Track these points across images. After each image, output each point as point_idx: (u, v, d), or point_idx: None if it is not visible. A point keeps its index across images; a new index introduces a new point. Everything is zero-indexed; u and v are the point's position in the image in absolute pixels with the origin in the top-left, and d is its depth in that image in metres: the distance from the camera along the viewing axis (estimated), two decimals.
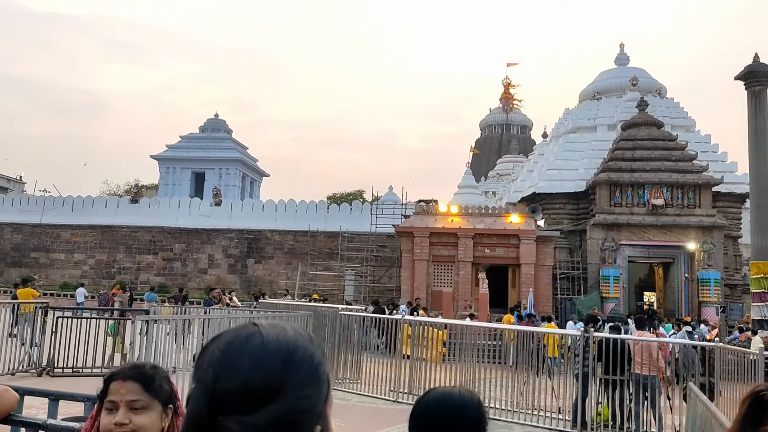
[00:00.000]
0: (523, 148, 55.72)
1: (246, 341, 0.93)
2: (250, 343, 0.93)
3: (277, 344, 0.94)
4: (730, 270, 26.23)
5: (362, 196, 52.30)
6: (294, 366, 0.93)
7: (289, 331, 0.97)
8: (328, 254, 30.34)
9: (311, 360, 0.95)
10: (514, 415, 10.03)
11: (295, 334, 0.97)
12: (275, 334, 0.95)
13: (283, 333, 0.96)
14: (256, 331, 0.95)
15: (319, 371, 0.96)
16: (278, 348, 0.93)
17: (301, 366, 0.93)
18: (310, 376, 0.94)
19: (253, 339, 0.94)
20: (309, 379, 0.93)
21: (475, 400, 1.61)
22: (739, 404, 2.17)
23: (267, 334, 0.95)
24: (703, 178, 25.22)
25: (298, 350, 0.95)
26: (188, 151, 45.76)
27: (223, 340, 0.96)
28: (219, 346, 0.95)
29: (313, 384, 0.94)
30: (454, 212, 25.14)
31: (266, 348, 0.93)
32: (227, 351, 0.93)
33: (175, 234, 33.23)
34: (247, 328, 0.97)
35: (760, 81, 17.41)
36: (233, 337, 0.95)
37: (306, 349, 0.96)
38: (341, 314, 12.81)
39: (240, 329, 0.97)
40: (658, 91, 31.68)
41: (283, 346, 0.94)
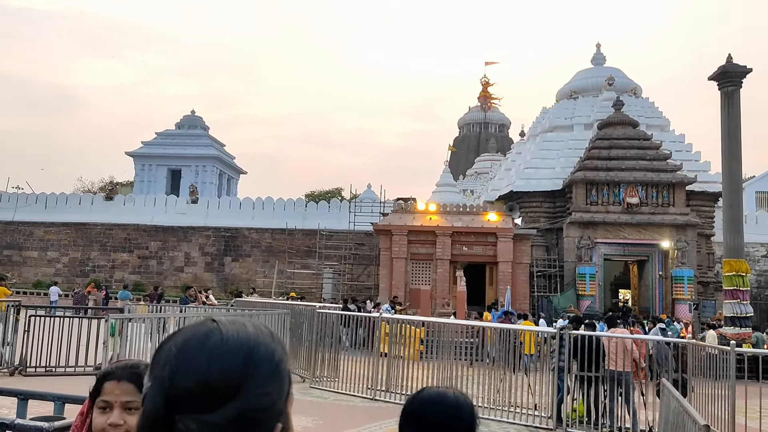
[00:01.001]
0: (501, 146, 56.02)
1: (204, 338, 0.91)
2: (208, 340, 0.91)
3: (237, 341, 0.91)
4: (703, 268, 26.66)
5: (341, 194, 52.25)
6: (254, 363, 0.91)
7: (249, 328, 0.95)
8: (306, 252, 30.25)
9: (272, 357, 0.93)
10: (491, 412, 10.09)
11: (255, 330, 0.95)
12: (235, 331, 0.93)
13: (243, 330, 0.94)
14: (215, 328, 0.93)
15: (279, 368, 0.94)
16: (238, 345, 0.91)
17: (262, 363, 0.91)
18: (270, 373, 0.92)
19: (211, 336, 0.91)
20: (269, 377, 0.92)
21: (468, 402, 1.62)
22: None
23: (227, 331, 0.92)
24: (677, 177, 25.58)
25: (259, 347, 0.92)
26: (164, 147, 45.28)
27: (181, 337, 0.93)
28: (176, 344, 0.92)
29: (274, 381, 0.92)
30: (432, 210, 25.22)
31: (226, 345, 0.90)
32: (185, 348, 0.91)
33: (151, 232, 32.87)
34: (206, 325, 0.94)
35: (733, 81, 17.69)
36: (191, 334, 0.93)
37: (267, 346, 0.94)
38: (318, 312, 12.77)
39: (198, 326, 0.94)
40: (633, 90, 32.05)
41: (243, 343, 0.92)
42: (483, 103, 64.98)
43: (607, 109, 28.88)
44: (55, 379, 10.93)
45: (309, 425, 9.09)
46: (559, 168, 28.27)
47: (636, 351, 9.95)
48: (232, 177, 49.86)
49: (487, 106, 64.76)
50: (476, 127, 64.07)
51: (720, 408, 8.54)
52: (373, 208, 28.46)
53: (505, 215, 25.05)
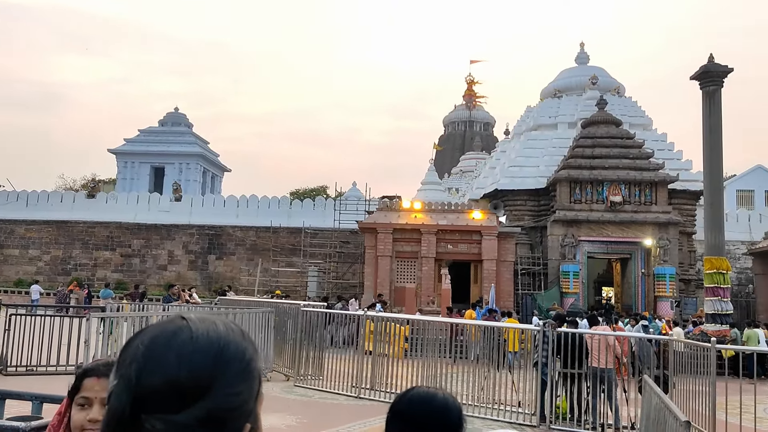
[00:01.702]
0: (486, 145, 56.17)
1: (173, 336, 0.89)
2: (177, 338, 0.89)
3: (207, 340, 0.90)
4: (685, 265, 26.93)
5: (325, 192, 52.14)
6: (224, 362, 0.89)
7: (219, 326, 0.93)
8: (291, 250, 30.15)
9: (242, 356, 0.92)
10: (475, 409, 10.11)
11: (226, 329, 0.94)
12: (205, 329, 0.91)
13: (213, 328, 0.92)
14: (184, 325, 0.91)
15: (250, 367, 0.93)
16: (208, 344, 0.89)
17: (232, 362, 0.90)
18: (240, 372, 0.91)
19: (180, 334, 0.90)
20: (239, 376, 0.90)
21: (457, 404, 1.63)
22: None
23: (196, 329, 0.91)
24: (660, 176, 25.82)
25: (229, 346, 0.91)
26: (147, 145, 44.92)
27: (148, 334, 0.91)
28: (143, 341, 0.90)
29: (244, 381, 0.91)
30: (417, 208, 25.24)
31: (195, 344, 0.89)
32: (152, 346, 0.89)
33: (134, 230, 32.59)
34: (175, 323, 0.92)
35: (715, 81, 17.85)
36: (159, 331, 0.91)
37: (237, 345, 0.92)
38: (303, 310, 12.73)
39: (167, 323, 0.93)
40: (616, 90, 32.29)
41: (213, 341, 0.90)
42: (468, 102, 65.12)
43: (590, 107, 29.07)
44: (36, 379, 10.81)
45: (293, 424, 9.06)
46: (543, 166, 28.42)
47: (618, 348, 10.03)
48: (216, 175, 49.57)
49: (472, 104, 64.92)
50: (461, 125, 64.20)
51: (701, 404, 8.63)
52: (359, 206, 28.43)
53: (489, 213, 25.14)
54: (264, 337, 13.21)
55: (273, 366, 13.38)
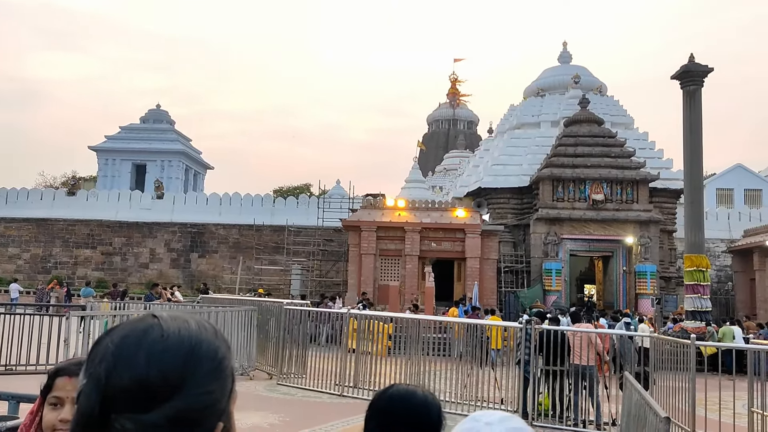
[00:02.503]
0: (470, 143, 56.32)
1: (143, 334, 0.88)
2: (148, 336, 0.88)
3: (178, 338, 0.89)
4: (666, 263, 27.22)
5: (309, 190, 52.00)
6: (195, 361, 0.88)
7: (191, 325, 0.92)
8: (274, 248, 30.03)
9: (214, 355, 0.91)
10: (457, 406, 10.14)
11: (198, 327, 0.93)
12: (176, 328, 0.90)
13: (185, 326, 0.91)
14: (156, 323, 0.90)
15: (222, 366, 0.92)
16: (179, 342, 0.88)
17: (204, 361, 0.89)
18: (212, 371, 0.90)
19: (151, 332, 0.88)
20: (211, 375, 0.89)
21: (436, 402, 1.64)
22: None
23: (167, 327, 0.90)
24: (641, 175, 26.05)
25: (201, 345, 0.90)
26: (129, 142, 44.51)
27: (119, 333, 0.90)
28: (113, 340, 0.89)
29: (216, 380, 0.90)
30: (401, 206, 25.25)
31: (166, 342, 0.88)
32: (123, 345, 0.87)
33: (115, 227, 32.27)
34: (146, 321, 0.91)
35: (695, 80, 18.00)
36: (129, 330, 0.90)
37: (209, 344, 0.91)
38: (286, 309, 12.68)
39: (137, 322, 0.92)
40: (599, 89, 32.53)
41: (184, 340, 0.89)
42: (452, 100, 65.26)
43: (573, 106, 29.25)
44: (15, 378, 10.65)
45: (276, 422, 9.03)
46: (526, 165, 28.56)
47: (600, 345, 10.10)
48: (199, 172, 49.23)
49: (456, 102, 65.06)
50: (445, 123, 64.33)
51: (681, 400, 8.72)
52: (342, 204, 28.37)
53: (473, 211, 25.22)
54: (246, 335, 13.14)
55: (256, 364, 13.33)
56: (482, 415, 1.20)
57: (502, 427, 1.15)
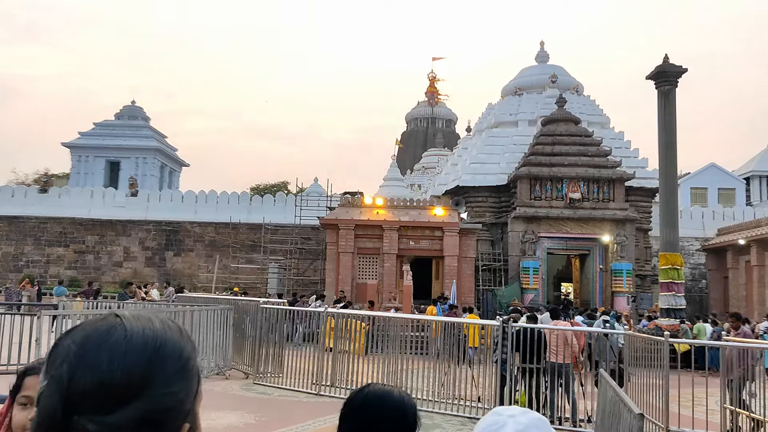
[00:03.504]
0: (448, 141, 56.46)
1: (106, 334, 0.86)
2: (110, 336, 0.86)
3: (142, 338, 0.87)
4: (641, 261, 27.54)
5: (287, 188, 51.75)
6: (160, 361, 0.86)
7: (155, 324, 0.90)
8: (251, 247, 29.79)
9: (179, 355, 0.89)
10: (434, 405, 10.13)
11: (162, 326, 0.91)
12: (140, 327, 0.88)
13: (148, 326, 0.89)
14: (118, 323, 0.88)
15: (188, 366, 0.90)
16: (143, 342, 0.86)
17: (168, 361, 0.87)
18: (177, 371, 0.88)
19: (114, 332, 0.86)
20: (176, 375, 0.88)
21: (412, 402, 1.63)
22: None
23: (131, 327, 0.87)
24: (617, 173, 26.32)
25: (166, 344, 0.88)
26: (102, 138, 43.86)
27: (80, 333, 0.87)
28: (75, 340, 0.86)
29: (181, 380, 0.88)
30: (379, 204, 25.21)
31: (129, 342, 0.86)
32: (84, 345, 0.85)
33: (88, 225, 31.77)
34: (108, 321, 0.89)
35: (670, 81, 18.21)
36: (91, 330, 0.87)
37: (174, 343, 0.90)
38: (262, 307, 12.56)
39: (99, 321, 0.89)
40: (575, 88, 32.80)
41: (148, 340, 0.87)
42: (430, 99, 65.39)
43: (550, 105, 29.45)
44: None
45: (251, 422, 8.93)
46: (504, 163, 28.70)
47: (576, 345, 10.14)
48: (174, 170, 48.69)
49: (435, 101, 65.21)
50: (423, 122, 64.44)
51: (655, 397, 8.80)
52: (320, 202, 28.25)
53: (451, 210, 25.26)
54: (222, 334, 13.00)
55: (232, 364, 13.19)
56: (504, 409, 1.26)
57: (524, 418, 1.20)
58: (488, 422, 1.24)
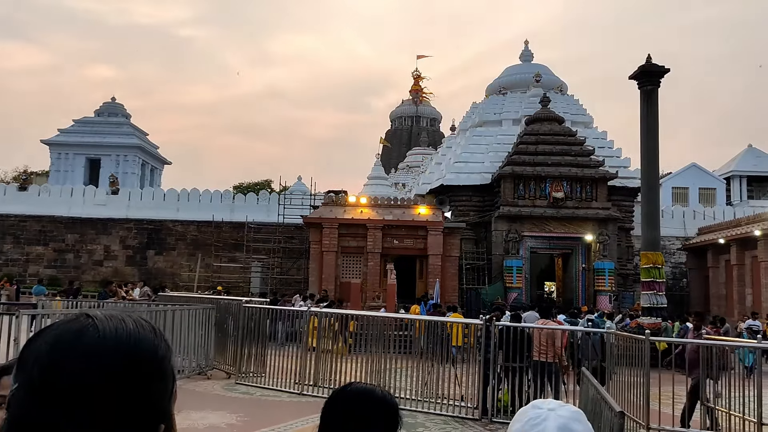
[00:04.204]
0: (433, 140, 56.51)
1: (78, 335, 0.84)
2: (83, 337, 0.84)
3: (116, 339, 0.85)
4: (623, 260, 27.75)
5: (270, 186, 51.49)
6: (135, 362, 0.85)
7: (128, 324, 0.88)
8: (234, 245, 29.59)
9: (154, 354, 0.88)
10: (418, 404, 10.12)
11: (135, 326, 0.89)
12: (113, 327, 0.86)
13: (121, 326, 0.87)
14: (90, 323, 0.86)
15: (163, 366, 0.89)
16: (116, 343, 0.85)
17: (143, 362, 0.86)
18: (152, 372, 0.87)
19: (86, 333, 0.84)
20: (152, 375, 0.86)
21: (394, 401, 1.63)
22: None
23: (103, 327, 0.85)
24: (600, 173, 26.49)
25: (140, 344, 0.87)
26: (82, 136, 43.30)
27: (51, 334, 0.85)
28: (47, 341, 0.84)
29: (157, 380, 0.87)
30: (363, 203, 25.16)
31: (102, 343, 0.84)
32: (56, 347, 0.83)
33: (68, 224, 31.38)
34: (79, 321, 0.87)
35: (652, 81, 18.35)
36: (62, 331, 0.85)
37: (148, 343, 0.88)
38: (245, 307, 12.48)
39: (70, 322, 0.87)
40: (559, 88, 32.98)
41: (122, 340, 0.85)
42: (415, 97, 65.38)
43: (534, 105, 29.58)
44: None
45: (234, 422, 8.86)
46: (488, 162, 28.78)
47: (559, 345, 10.16)
48: (156, 167, 48.24)
49: (419, 99, 65.21)
50: (408, 120, 64.42)
51: (636, 395, 8.85)
52: (304, 201, 28.12)
53: (435, 209, 25.27)
54: (204, 334, 12.91)
55: (214, 364, 13.09)
56: (543, 402, 1.26)
57: (565, 411, 1.22)
58: (529, 416, 1.23)
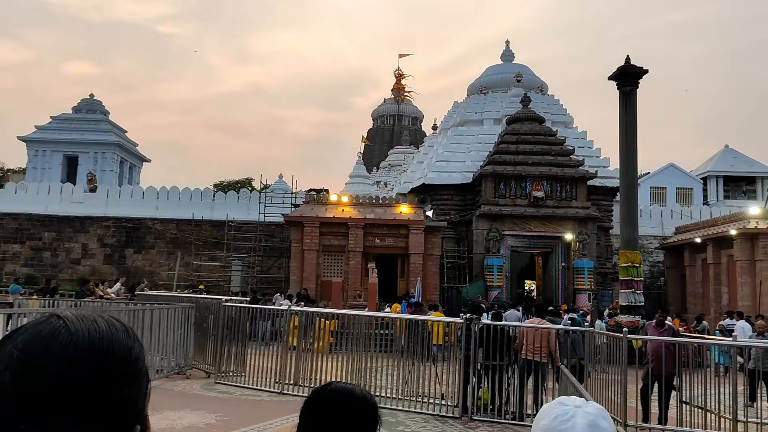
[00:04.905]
0: (414, 139, 56.59)
1: (50, 338, 0.82)
2: (55, 340, 0.82)
3: (88, 340, 0.83)
4: (602, 259, 28.01)
5: (251, 184, 51.16)
6: (109, 364, 0.83)
7: (101, 324, 0.87)
8: (214, 244, 29.36)
9: (128, 355, 0.87)
10: (399, 402, 10.12)
11: (108, 326, 0.87)
12: (85, 329, 0.84)
13: (93, 327, 0.85)
14: (61, 325, 0.84)
15: (137, 367, 0.88)
16: (90, 344, 0.83)
17: (118, 362, 0.85)
18: (127, 373, 0.85)
19: (58, 335, 0.83)
20: (126, 377, 0.85)
21: (373, 401, 1.62)
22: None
23: (75, 329, 0.84)
24: (580, 173, 26.71)
25: (113, 345, 0.85)
26: (60, 132, 42.69)
27: (22, 337, 0.83)
28: (17, 345, 0.82)
29: (131, 381, 0.86)
30: (345, 202, 25.12)
31: (75, 345, 0.82)
32: (28, 350, 0.81)
33: (45, 222, 30.92)
34: (50, 323, 0.85)
35: (631, 82, 18.53)
36: (33, 333, 0.83)
37: (122, 344, 0.87)
38: (225, 306, 12.38)
39: (41, 324, 0.85)
40: (540, 88, 33.17)
41: (95, 341, 0.84)
42: (397, 96, 65.42)
43: (515, 104, 29.73)
44: None
45: (212, 422, 8.78)
46: (469, 161, 28.87)
47: (553, 343, 10.24)
48: (135, 165, 47.70)
49: (401, 98, 65.26)
50: (390, 119, 64.43)
51: (614, 392, 8.93)
52: (285, 199, 27.99)
53: (417, 208, 25.31)
54: (184, 333, 12.79)
55: (193, 363, 12.98)
56: (568, 399, 1.27)
57: (590, 408, 1.23)
58: (557, 412, 1.24)
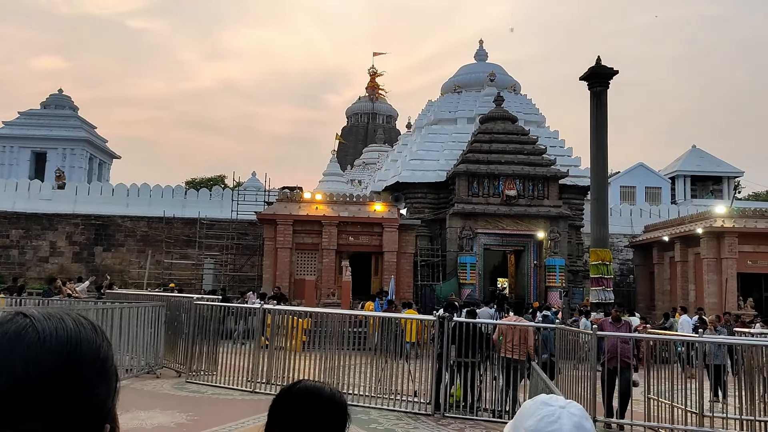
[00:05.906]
0: (389, 137, 56.64)
1: (17, 338, 0.82)
2: (22, 339, 0.81)
3: (56, 339, 0.83)
4: (573, 257, 28.39)
5: (223, 182, 50.70)
6: (78, 363, 0.83)
7: (68, 323, 0.86)
8: (186, 242, 29.05)
9: (97, 354, 0.86)
10: (371, 400, 10.13)
11: (75, 325, 0.86)
12: (52, 327, 0.84)
13: (61, 325, 0.85)
14: (28, 324, 0.83)
15: (106, 366, 0.87)
16: (58, 344, 0.82)
17: (87, 361, 0.84)
18: (96, 372, 0.85)
19: (25, 335, 0.82)
20: (95, 376, 0.85)
21: (343, 399, 1.62)
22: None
23: (43, 328, 0.83)
24: (552, 172, 27.02)
25: (81, 344, 0.84)
26: (28, 128, 41.84)
27: None
28: None
29: (101, 381, 0.85)
30: (318, 200, 25.05)
31: (43, 344, 0.81)
32: None
33: (12, 219, 30.27)
34: (16, 322, 0.83)
35: (601, 82, 18.77)
36: None
37: (90, 343, 0.86)
38: (196, 304, 12.26)
39: (6, 323, 0.84)
40: (513, 87, 33.46)
41: (63, 341, 0.83)
42: (371, 94, 65.40)
43: (488, 104, 29.95)
44: None
45: (183, 421, 8.69)
46: (443, 160, 29.01)
47: (531, 341, 10.35)
48: (105, 162, 46.96)
49: (375, 96, 65.26)
50: (364, 117, 64.40)
51: (583, 388, 9.06)
52: (258, 197, 27.81)
53: (391, 206, 25.35)
54: (154, 332, 12.64)
55: (163, 362, 12.82)
56: (551, 399, 1.23)
57: (574, 408, 1.21)
58: (542, 413, 1.19)
